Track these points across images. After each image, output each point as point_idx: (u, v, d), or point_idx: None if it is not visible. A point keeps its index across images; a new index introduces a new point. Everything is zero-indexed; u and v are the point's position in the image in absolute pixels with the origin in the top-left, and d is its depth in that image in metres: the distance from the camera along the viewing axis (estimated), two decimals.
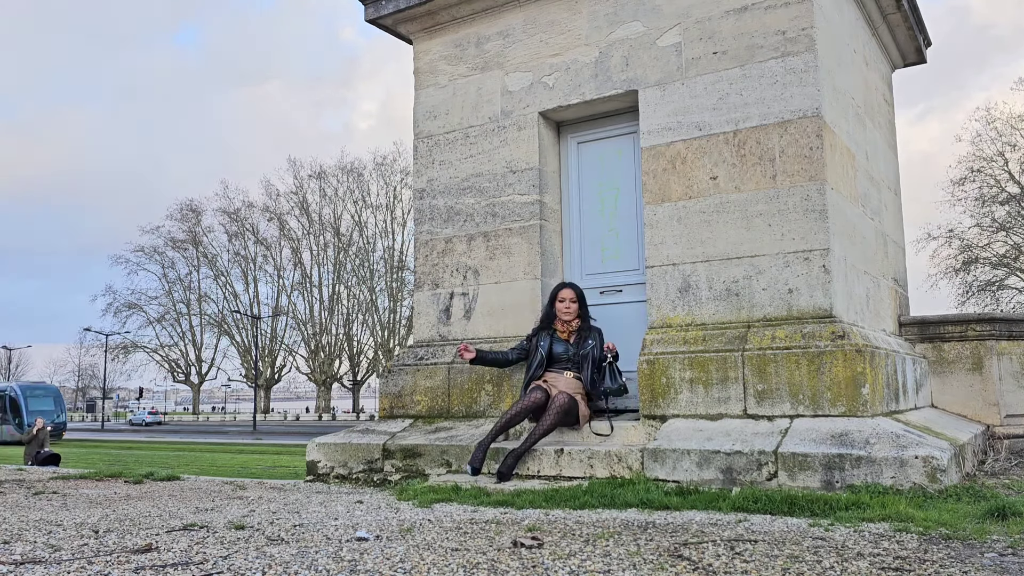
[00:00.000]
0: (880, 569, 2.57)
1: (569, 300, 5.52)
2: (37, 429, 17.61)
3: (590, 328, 5.59)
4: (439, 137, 6.52)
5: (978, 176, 33.62)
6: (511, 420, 5.23)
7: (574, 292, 5.56)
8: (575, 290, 5.57)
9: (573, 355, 5.46)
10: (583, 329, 5.55)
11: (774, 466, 4.36)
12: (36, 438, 17.37)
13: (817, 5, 5.17)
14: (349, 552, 2.92)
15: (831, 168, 5.11)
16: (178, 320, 63.89)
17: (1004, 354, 6.46)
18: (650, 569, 2.60)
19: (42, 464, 13.71)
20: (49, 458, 15.70)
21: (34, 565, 2.73)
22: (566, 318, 5.49)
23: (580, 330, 5.54)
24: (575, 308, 5.53)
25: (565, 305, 5.50)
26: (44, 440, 17.60)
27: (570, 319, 5.50)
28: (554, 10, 6.10)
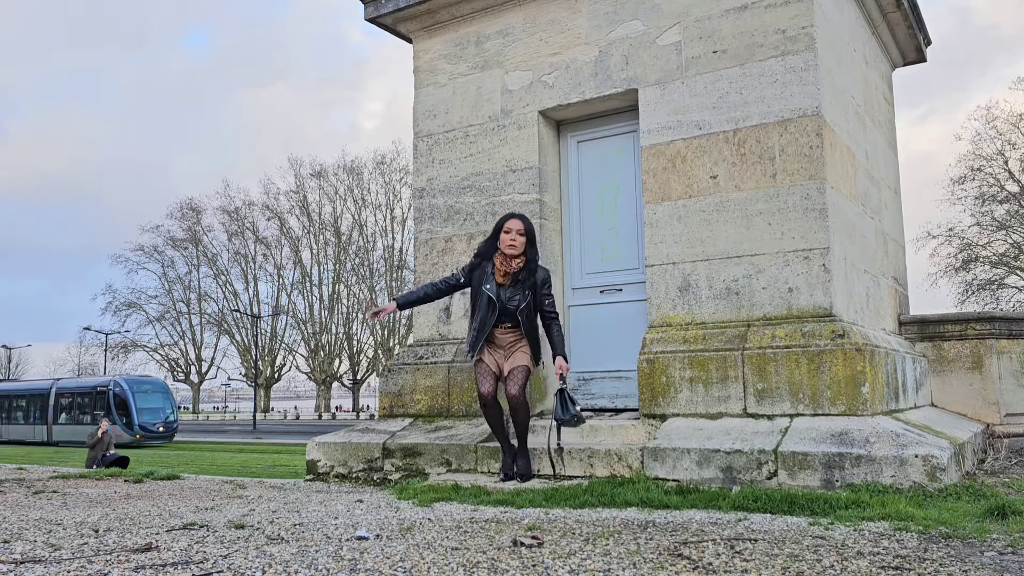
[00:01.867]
0: (880, 568, 2.57)
1: (516, 232, 4.87)
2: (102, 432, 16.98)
3: (534, 270, 4.95)
4: (439, 136, 6.52)
5: (978, 175, 33.62)
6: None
7: (523, 224, 4.92)
8: (525, 223, 4.94)
9: (507, 301, 4.87)
10: (525, 271, 4.92)
11: (774, 465, 4.36)
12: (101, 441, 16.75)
13: (817, 4, 5.17)
14: (349, 551, 2.92)
15: (831, 167, 5.11)
16: (178, 319, 63.87)
17: (1004, 353, 6.46)
18: (650, 568, 2.60)
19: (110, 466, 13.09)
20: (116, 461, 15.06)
21: (34, 564, 2.73)
22: (510, 251, 4.85)
23: (519, 272, 4.90)
24: (521, 242, 4.88)
25: (511, 237, 4.85)
26: (109, 444, 17.02)
27: (515, 254, 4.86)
28: (554, 9, 6.09)
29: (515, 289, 4.90)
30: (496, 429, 5.00)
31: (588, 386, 5.89)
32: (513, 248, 4.84)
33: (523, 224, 4.91)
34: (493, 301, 4.85)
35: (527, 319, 4.93)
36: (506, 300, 4.87)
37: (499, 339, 4.97)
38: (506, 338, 4.97)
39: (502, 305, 4.87)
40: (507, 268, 4.87)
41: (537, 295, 4.94)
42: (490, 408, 4.90)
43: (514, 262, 4.87)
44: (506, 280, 4.89)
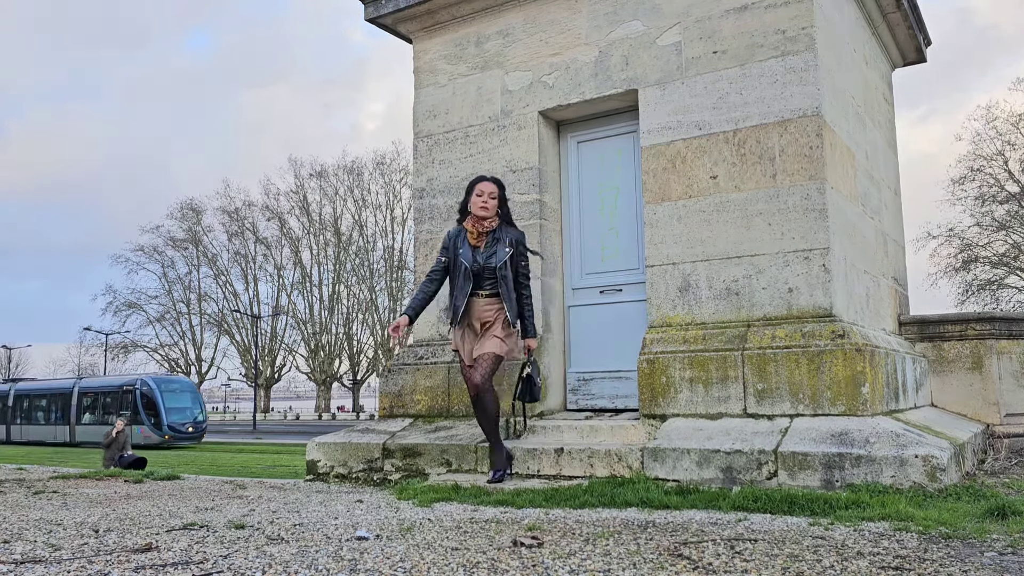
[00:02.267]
0: (880, 568, 2.58)
1: (488, 195, 4.79)
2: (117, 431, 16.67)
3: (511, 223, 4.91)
4: (439, 136, 6.52)
5: (978, 175, 33.63)
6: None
7: (496, 187, 4.87)
8: (498, 185, 4.89)
9: (485, 262, 4.76)
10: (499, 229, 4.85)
11: (774, 465, 4.36)
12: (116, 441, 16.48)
13: (817, 4, 5.17)
14: (349, 551, 2.92)
15: (831, 167, 5.11)
16: (178, 319, 63.86)
17: (1004, 353, 6.46)
18: (650, 568, 2.60)
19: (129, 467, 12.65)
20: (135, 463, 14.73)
21: (34, 564, 2.73)
22: (481, 214, 4.76)
23: (494, 231, 4.83)
24: (493, 205, 4.81)
25: (483, 200, 4.77)
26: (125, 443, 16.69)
27: (487, 216, 4.77)
28: (554, 9, 6.09)
29: (491, 247, 4.79)
30: (486, 423, 4.85)
31: (588, 386, 5.89)
32: (485, 210, 4.74)
33: (495, 187, 4.82)
34: (468, 267, 4.72)
35: (507, 280, 4.77)
36: (484, 261, 4.75)
37: (478, 311, 4.80)
38: (486, 311, 4.80)
39: (480, 268, 4.74)
40: (480, 228, 4.77)
41: (514, 254, 4.81)
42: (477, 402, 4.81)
43: (486, 222, 4.77)
44: (480, 241, 4.77)
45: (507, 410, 5.67)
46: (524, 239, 4.90)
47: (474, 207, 4.77)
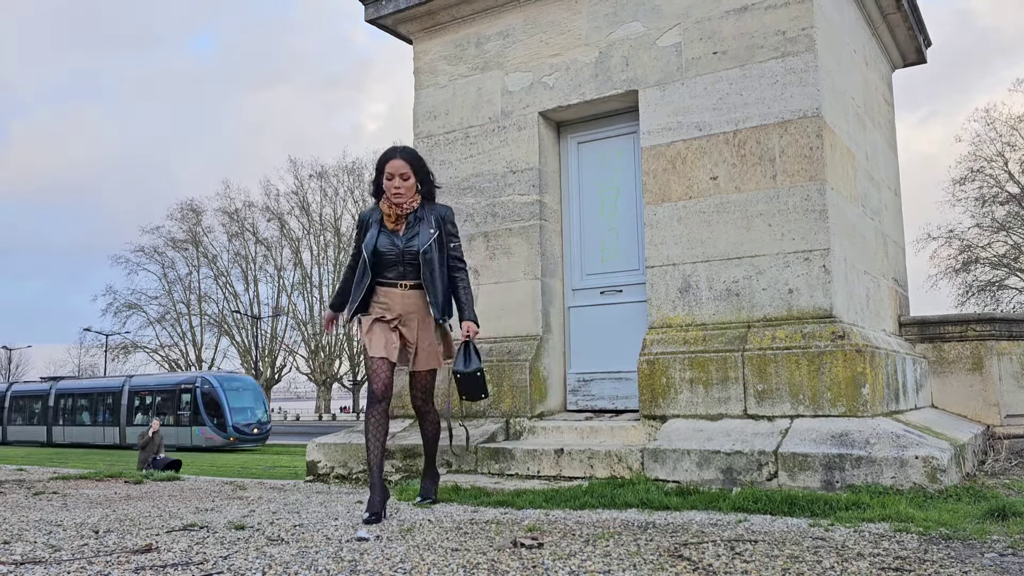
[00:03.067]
0: (880, 569, 2.57)
1: (400, 177, 4.07)
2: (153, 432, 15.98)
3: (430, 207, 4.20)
4: (439, 137, 6.52)
5: (978, 176, 33.63)
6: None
7: (405, 162, 4.08)
8: (407, 158, 4.11)
9: (405, 246, 4.07)
10: (422, 208, 4.17)
11: (774, 466, 4.36)
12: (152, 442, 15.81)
13: (817, 5, 5.17)
14: (349, 552, 2.92)
15: (831, 168, 5.11)
16: (178, 320, 63.84)
17: (1004, 354, 6.46)
18: (650, 569, 2.60)
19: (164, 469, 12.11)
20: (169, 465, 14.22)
21: (34, 565, 2.73)
22: (396, 200, 4.07)
23: (416, 212, 4.14)
24: (409, 187, 4.09)
25: (395, 185, 4.06)
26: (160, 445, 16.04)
27: (402, 201, 4.08)
28: (554, 10, 6.10)
29: (412, 229, 4.09)
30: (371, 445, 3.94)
31: (588, 387, 5.89)
32: (399, 196, 4.05)
33: (406, 164, 4.06)
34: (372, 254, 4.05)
35: (432, 265, 4.06)
36: (403, 246, 4.04)
37: (401, 304, 4.07)
38: (410, 303, 4.08)
39: (398, 253, 4.04)
40: (398, 211, 4.08)
41: (440, 234, 4.13)
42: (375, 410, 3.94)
43: (406, 204, 4.09)
44: (399, 224, 4.08)
45: (507, 410, 5.67)
46: (451, 215, 4.25)
47: (387, 192, 4.09)
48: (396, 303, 4.05)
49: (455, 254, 4.23)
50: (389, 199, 4.08)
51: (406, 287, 4.06)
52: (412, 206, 4.12)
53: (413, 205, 4.13)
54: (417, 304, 4.09)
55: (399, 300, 4.05)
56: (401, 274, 4.06)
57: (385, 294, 4.06)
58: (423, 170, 4.17)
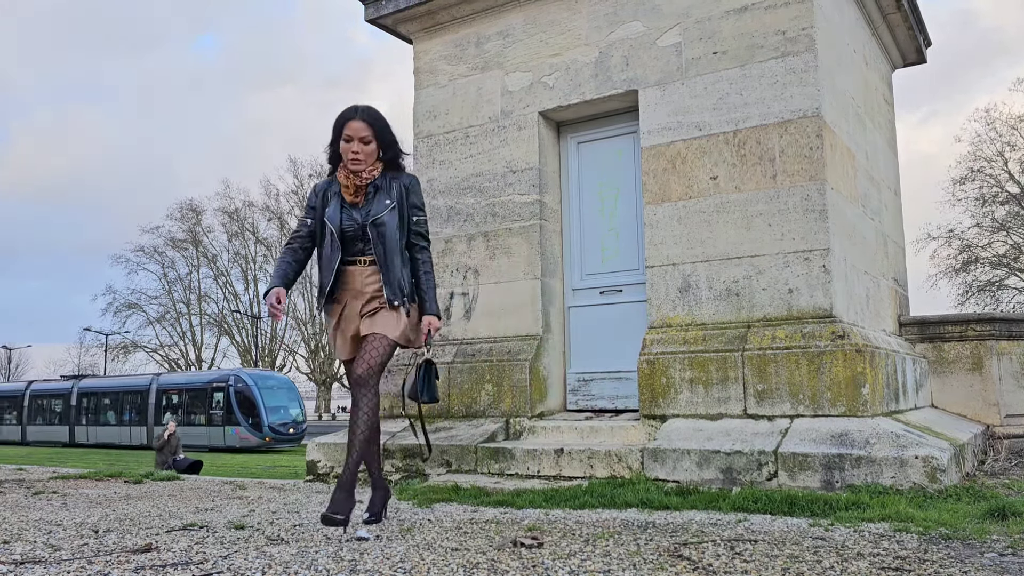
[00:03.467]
0: (880, 569, 2.57)
1: (359, 140, 3.57)
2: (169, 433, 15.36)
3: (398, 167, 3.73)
4: (439, 137, 6.52)
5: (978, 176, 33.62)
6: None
7: (366, 124, 3.58)
8: (368, 119, 3.59)
9: (366, 219, 3.58)
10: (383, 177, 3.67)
11: (774, 466, 4.36)
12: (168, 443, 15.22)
13: (817, 5, 5.17)
14: (349, 552, 2.92)
15: (831, 168, 5.11)
16: (178, 320, 63.84)
17: (1004, 354, 6.46)
18: (650, 569, 2.60)
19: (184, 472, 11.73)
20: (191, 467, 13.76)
21: (34, 565, 2.73)
22: (354, 167, 3.59)
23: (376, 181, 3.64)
24: (369, 152, 3.60)
25: (353, 149, 3.57)
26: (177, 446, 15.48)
27: (360, 168, 3.59)
28: (554, 10, 6.10)
29: (372, 202, 3.62)
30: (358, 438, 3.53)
31: (588, 387, 5.89)
32: (358, 163, 3.57)
33: (367, 126, 3.57)
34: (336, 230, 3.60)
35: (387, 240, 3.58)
36: (363, 220, 3.58)
37: (360, 285, 3.60)
38: (370, 285, 3.60)
39: (358, 228, 3.59)
40: (357, 182, 3.61)
41: (400, 205, 3.64)
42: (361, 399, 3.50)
43: (365, 172, 3.61)
44: (358, 196, 3.62)
45: (507, 410, 5.67)
46: (417, 185, 3.74)
47: (345, 158, 3.60)
48: (356, 281, 3.58)
49: (418, 229, 3.69)
50: (346, 167, 3.60)
51: (366, 263, 3.59)
52: (372, 175, 3.61)
53: (373, 174, 3.61)
54: (377, 283, 3.59)
55: (359, 279, 3.58)
56: (361, 250, 3.60)
57: (346, 273, 3.60)
58: (386, 133, 3.63)
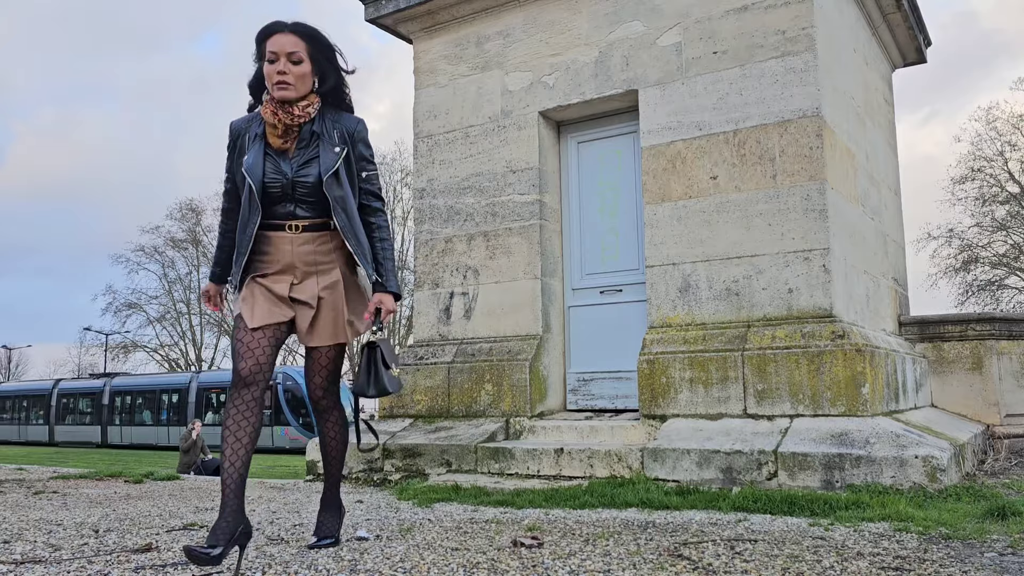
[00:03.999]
0: (880, 569, 2.58)
1: (286, 57, 2.76)
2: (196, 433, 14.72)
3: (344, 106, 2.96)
4: (439, 137, 6.52)
5: (978, 175, 33.62)
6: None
7: (297, 38, 2.78)
8: (300, 33, 2.80)
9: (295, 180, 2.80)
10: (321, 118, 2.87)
11: (774, 466, 4.36)
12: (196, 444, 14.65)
13: (817, 5, 5.17)
14: (349, 552, 2.92)
15: (831, 168, 5.11)
16: (178, 320, 63.80)
17: (1004, 353, 6.46)
18: (650, 569, 2.60)
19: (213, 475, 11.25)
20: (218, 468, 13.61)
21: (34, 565, 2.73)
22: (280, 93, 2.75)
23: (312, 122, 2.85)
24: (301, 73, 2.78)
25: (278, 69, 2.75)
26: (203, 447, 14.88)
27: (289, 93, 2.76)
28: (554, 10, 6.10)
29: (308, 149, 2.84)
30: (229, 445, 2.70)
31: (588, 386, 5.89)
32: (285, 87, 2.76)
33: (298, 40, 2.79)
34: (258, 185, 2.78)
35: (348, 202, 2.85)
36: (295, 173, 2.80)
37: (292, 255, 2.83)
38: (306, 253, 2.84)
39: (287, 184, 2.80)
40: (287, 120, 2.78)
41: (350, 155, 2.89)
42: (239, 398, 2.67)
43: (298, 107, 2.79)
44: (287, 141, 2.81)
45: (507, 410, 5.67)
46: (364, 130, 2.96)
47: (268, 82, 2.78)
48: (284, 254, 2.82)
49: (370, 187, 2.97)
50: (271, 96, 2.78)
51: (297, 230, 2.81)
52: (307, 112, 2.82)
53: (308, 111, 2.82)
54: (315, 254, 2.85)
55: (288, 250, 2.81)
56: (291, 213, 2.81)
57: (269, 242, 2.82)
58: (326, 53, 2.85)
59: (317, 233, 2.87)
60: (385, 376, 2.90)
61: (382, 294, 2.91)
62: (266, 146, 2.84)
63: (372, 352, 2.91)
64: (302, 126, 2.85)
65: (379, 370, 2.91)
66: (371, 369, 2.91)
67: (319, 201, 2.84)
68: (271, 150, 2.84)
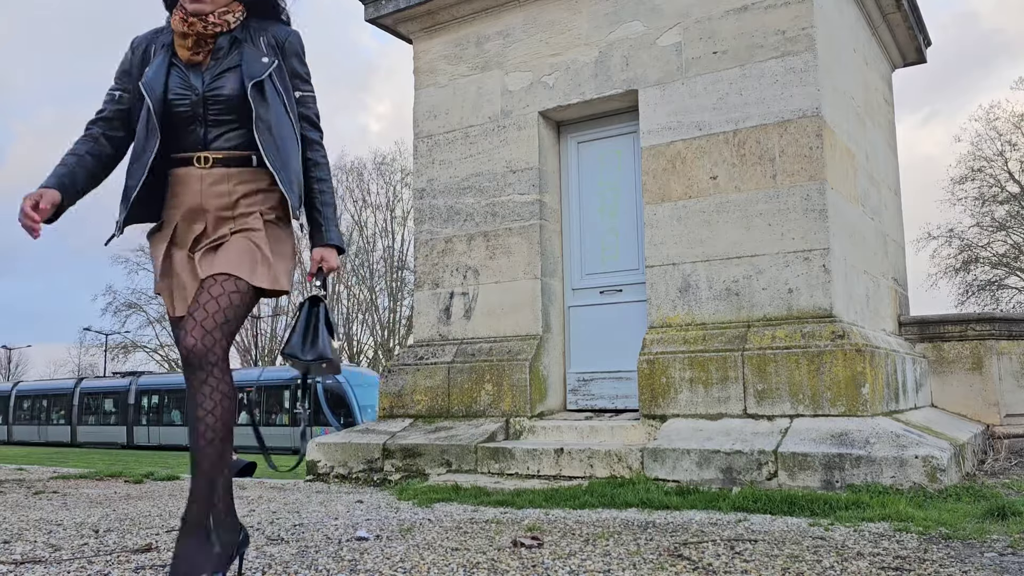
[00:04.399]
0: (880, 569, 2.58)
1: None
2: None
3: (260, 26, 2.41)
4: (439, 137, 6.52)
5: (978, 175, 33.62)
6: None
7: None
8: None
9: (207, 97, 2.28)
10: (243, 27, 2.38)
11: (774, 466, 4.36)
12: None
13: (817, 5, 5.17)
14: (349, 552, 2.92)
15: (831, 168, 5.11)
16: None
17: (1004, 354, 6.46)
18: (650, 569, 2.60)
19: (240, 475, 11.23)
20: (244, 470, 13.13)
21: (34, 565, 2.73)
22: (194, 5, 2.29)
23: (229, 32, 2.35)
24: None
25: None
26: None
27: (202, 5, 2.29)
28: (554, 10, 6.10)
29: (226, 61, 2.33)
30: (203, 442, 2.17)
31: (588, 386, 5.89)
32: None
33: None
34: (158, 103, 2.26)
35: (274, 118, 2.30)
36: (207, 88, 2.29)
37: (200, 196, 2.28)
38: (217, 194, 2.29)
39: (197, 103, 2.28)
40: (200, 27, 2.29)
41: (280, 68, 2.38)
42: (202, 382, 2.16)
43: (214, 15, 2.32)
44: (199, 54, 2.32)
45: (507, 410, 5.67)
46: (298, 42, 2.45)
47: None
48: (190, 195, 2.28)
49: (305, 111, 2.45)
50: (181, 4, 2.31)
51: (208, 164, 2.28)
52: (225, 20, 2.33)
53: (227, 18, 2.34)
54: (232, 196, 2.29)
55: (196, 190, 2.27)
56: (200, 139, 2.29)
57: (174, 180, 2.30)
58: None
59: (236, 169, 2.29)
60: (326, 340, 2.35)
61: (323, 248, 2.42)
62: (173, 57, 2.32)
63: (315, 308, 2.39)
64: (219, 35, 2.33)
65: (320, 329, 2.36)
66: (309, 327, 2.36)
67: (239, 126, 2.30)
68: (179, 61, 2.32)
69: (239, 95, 2.28)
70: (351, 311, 60.60)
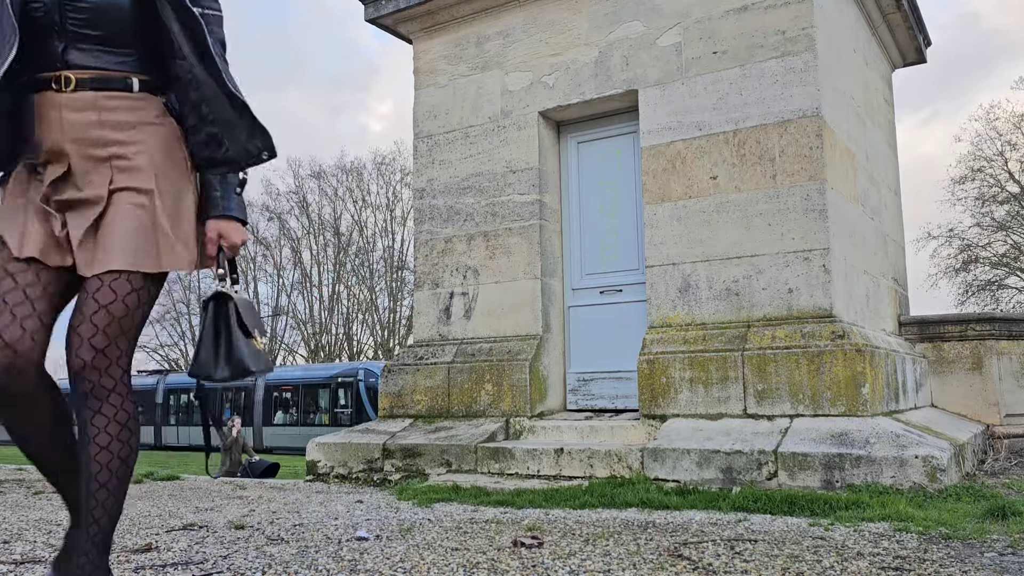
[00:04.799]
0: (880, 568, 2.58)
1: None
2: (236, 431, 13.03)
3: None
4: (439, 137, 6.52)
5: (978, 175, 33.62)
6: None
7: None
8: None
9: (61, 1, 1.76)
10: None
11: (774, 466, 4.36)
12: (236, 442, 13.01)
13: (817, 5, 5.17)
14: (349, 552, 2.92)
15: (831, 168, 5.11)
16: (178, 320, 63.78)
17: (1004, 354, 6.46)
18: (650, 569, 2.60)
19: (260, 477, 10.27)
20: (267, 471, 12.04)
21: (34, 565, 2.73)
22: None
23: None
24: None
25: None
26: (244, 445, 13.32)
27: None
28: (554, 10, 6.10)
29: None
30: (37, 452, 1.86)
31: (588, 386, 5.89)
32: None
33: None
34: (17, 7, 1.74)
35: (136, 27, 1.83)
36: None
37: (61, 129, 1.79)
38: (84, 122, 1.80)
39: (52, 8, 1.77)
40: None
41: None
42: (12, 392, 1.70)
43: None
44: None
45: (507, 410, 5.67)
46: None
47: None
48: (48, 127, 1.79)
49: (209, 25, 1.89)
50: None
51: (69, 86, 1.79)
52: None
53: None
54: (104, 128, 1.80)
55: (55, 119, 1.79)
56: (60, 56, 1.79)
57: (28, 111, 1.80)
58: None
59: (109, 93, 1.80)
60: (243, 346, 1.87)
61: (217, 220, 1.87)
62: None
63: (221, 309, 1.89)
64: None
65: (233, 337, 1.87)
66: (220, 336, 1.87)
67: (111, 36, 1.80)
68: None
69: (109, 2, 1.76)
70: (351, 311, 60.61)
